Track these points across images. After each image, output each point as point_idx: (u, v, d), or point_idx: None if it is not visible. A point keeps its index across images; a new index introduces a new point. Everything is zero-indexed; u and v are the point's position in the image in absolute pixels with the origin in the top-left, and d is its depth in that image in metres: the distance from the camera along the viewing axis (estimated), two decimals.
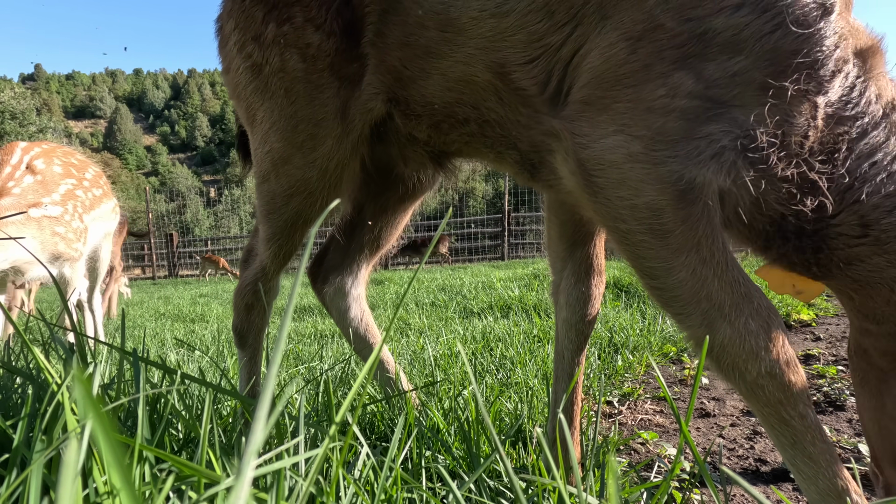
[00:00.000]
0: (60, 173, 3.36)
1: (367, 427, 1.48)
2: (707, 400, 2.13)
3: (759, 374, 0.87)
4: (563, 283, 1.33)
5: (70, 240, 3.20)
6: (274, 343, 0.62)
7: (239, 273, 1.60)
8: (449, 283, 7.50)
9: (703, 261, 0.89)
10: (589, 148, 0.93)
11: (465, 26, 1.09)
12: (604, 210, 0.94)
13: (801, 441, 0.87)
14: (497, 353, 2.49)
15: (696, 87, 0.87)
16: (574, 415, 1.30)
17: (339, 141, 1.30)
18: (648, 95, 0.89)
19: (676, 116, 0.87)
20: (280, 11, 1.28)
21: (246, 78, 1.36)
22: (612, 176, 0.91)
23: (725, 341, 0.88)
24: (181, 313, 6.96)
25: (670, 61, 0.88)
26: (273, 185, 1.37)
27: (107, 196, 3.85)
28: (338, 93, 1.27)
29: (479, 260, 17.99)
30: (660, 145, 0.88)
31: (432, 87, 1.19)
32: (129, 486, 0.29)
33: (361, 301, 1.78)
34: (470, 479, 0.73)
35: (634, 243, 0.92)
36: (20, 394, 1.09)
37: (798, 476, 0.89)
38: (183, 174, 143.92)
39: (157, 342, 4.16)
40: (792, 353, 0.88)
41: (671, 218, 0.88)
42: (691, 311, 0.90)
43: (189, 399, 1.38)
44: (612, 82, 0.92)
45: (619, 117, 0.91)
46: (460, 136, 1.25)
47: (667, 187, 0.88)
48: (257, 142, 1.39)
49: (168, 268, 19.53)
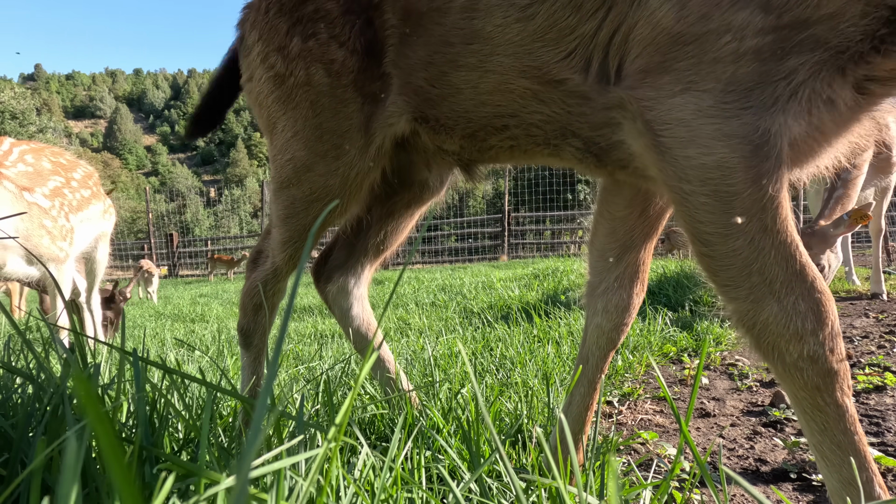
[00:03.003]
0: (50, 169, 3.30)
1: (368, 427, 1.49)
2: (707, 400, 2.13)
3: (799, 357, 0.84)
4: (604, 287, 1.28)
5: (55, 236, 3.09)
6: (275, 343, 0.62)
7: (246, 274, 1.61)
8: (449, 282, 7.50)
9: (765, 229, 0.84)
10: (655, 109, 0.89)
11: (492, 35, 1.08)
12: (670, 170, 0.89)
13: (832, 429, 0.85)
14: (497, 352, 2.49)
15: (765, 21, 0.80)
16: (587, 420, 1.30)
17: (361, 152, 1.32)
18: (712, 46, 0.83)
19: (749, 60, 0.82)
20: (305, 26, 1.30)
21: (268, 87, 1.38)
22: (680, 134, 0.87)
23: (770, 319, 0.85)
24: (181, 313, 6.96)
25: (729, 3, 0.83)
26: (294, 191, 1.39)
27: (96, 197, 3.79)
28: (361, 108, 1.30)
29: (479, 260, 17.98)
30: (731, 96, 0.83)
31: (464, 102, 1.19)
32: (129, 487, 0.29)
33: (364, 301, 1.80)
34: (470, 478, 0.73)
35: (695, 205, 0.88)
36: (20, 394, 1.09)
37: (821, 462, 0.88)
38: (183, 174, 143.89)
39: (157, 342, 4.16)
40: (839, 341, 0.85)
41: (741, 178, 0.83)
42: (740, 283, 0.86)
43: (189, 399, 1.39)
44: (670, 44, 0.88)
45: (683, 75, 0.87)
46: (500, 140, 1.23)
47: (740, 143, 0.82)
48: (277, 149, 1.41)
49: (168, 267, 19.52)
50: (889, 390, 2.07)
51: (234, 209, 60.24)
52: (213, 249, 21.15)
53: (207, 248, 21.26)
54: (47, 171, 3.24)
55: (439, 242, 18.49)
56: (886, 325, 3.34)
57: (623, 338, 1.29)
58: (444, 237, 18.90)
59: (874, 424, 1.76)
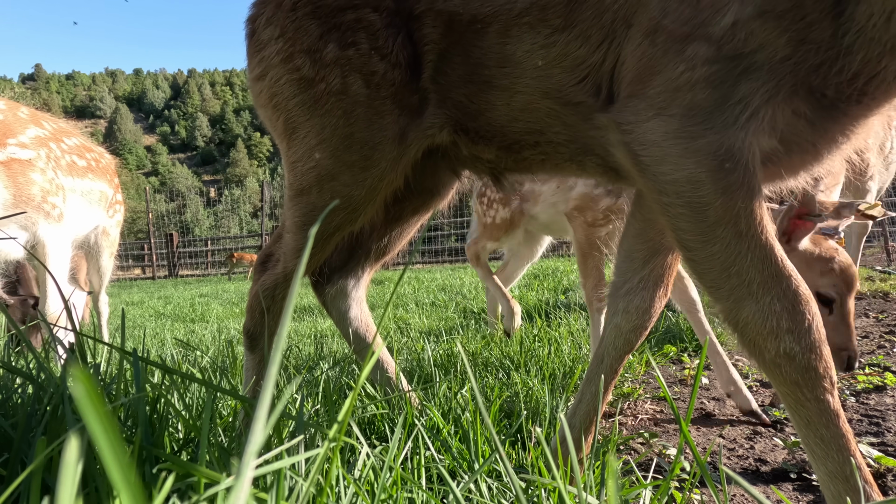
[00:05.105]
0: (26, 120, 2.66)
1: (367, 426, 1.49)
2: (707, 400, 2.13)
3: (776, 354, 0.90)
4: (627, 287, 1.29)
5: (47, 190, 2.52)
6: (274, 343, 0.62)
7: (254, 277, 1.59)
8: (449, 282, 7.51)
9: (740, 235, 0.91)
10: (633, 132, 1.00)
11: (521, 60, 1.17)
12: (650, 185, 1.00)
13: (815, 423, 0.89)
14: (497, 352, 2.49)
15: (709, 52, 0.90)
16: (594, 421, 1.29)
17: (392, 163, 1.33)
18: (671, 74, 0.94)
19: (702, 87, 0.91)
20: (343, 34, 1.29)
21: (290, 90, 1.35)
22: (654, 154, 0.97)
23: (749, 318, 0.91)
24: (181, 313, 6.97)
25: (681, 38, 0.93)
26: (314, 198, 1.38)
27: (94, 173, 3.16)
28: (397, 120, 1.31)
29: None
30: (694, 119, 0.92)
31: (499, 117, 1.27)
32: (129, 486, 0.29)
33: (362, 302, 1.80)
34: (470, 478, 0.73)
35: (674, 215, 0.97)
36: (20, 394, 1.09)
37: (810, 455, 0.92)
38: (183, 174, 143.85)
39: (157, 342, 4.16)
40: (818, 339, 0.90)
41: (710, 190, 0.92)
42: (721, 285, 0.94)
43: (189, 399, 1.39)
44: (646, 74, 0.99)
45: (654, 101, 0.97)
46: (533, 154, 1.31)
47: (705, 159, 0.91)
48: (298, 155, 1.38)
49: (168, 268, 19.53)
50: (889, 390, 2.07)
51: (233, 209, 60.27)
52: (213, 249, 21.14)
53: (208, 248, 21.27)
54: (23, 121, 2.64)
55: (439, 242, 18.46)
56: (886, 325, 3.34)
57: (641, 341, 1.30)
58: (444, 237, 18.88)
59: (874, 424, 1.76)
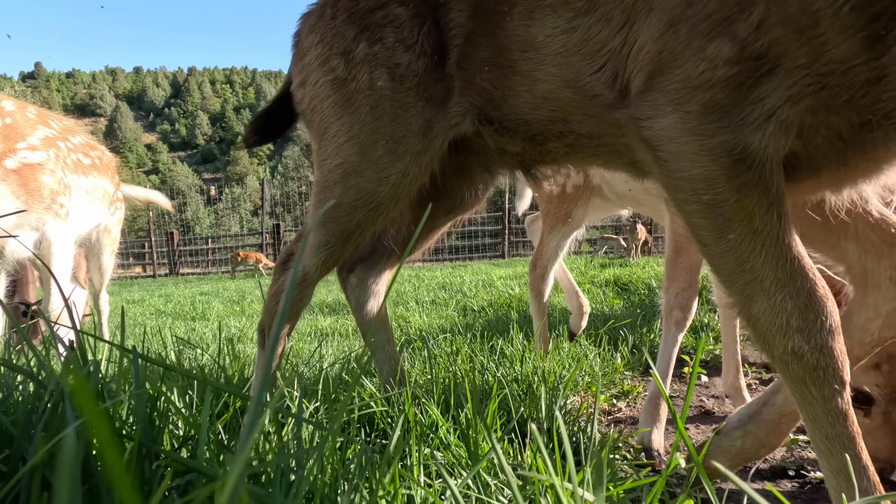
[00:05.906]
0: (34, 120, 2.73)
1: (367, 423, 1.49)
2: (707, 398, 2.14)
3: (784, 352, 0.91)
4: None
5: (56, 191, 2.63)
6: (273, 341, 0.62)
7: (274, 276, 1.60)
8: (449, 280, 7.51)
9: (754, 232, 0.93)
10: (651, 128, 0.99)
11: (542, 44, 1.15)
12: (666, 180, 1.00)
13: (821, 421, 0.91)
14: (496, 350, 2.49)
15: (731, 52, 0.89)
16: None
17: (417, 157, 1.34)
18: (692, 72, 0.93)
19: (721, 87, 0.91)
20: (372, 32, 1.32)
21: (325, 91, 1.38)
22: (671, 149, 0.97)
23: (760, 314, 0.93)
24: (182, 311, 6.98)
25: (704, 34, 0.91)
26: (337, 194, 1.39)
27: (98, 170, 3.24)
28: (422, 112, 1.31)
29: (480, 258, 17.97)
30: (711, 117, 0.92)
31: (522, 105, 1.25)
32: (126, 484, 0.30)
33: (380, 297, 1.83)
34: (468, 475, 0.74)
35: (689, 212, 0.98)
36: (21, 391, 1.10)
37: (816, 451, 0.94)
38: (183, 172, 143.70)
39: (157, 340, 4.17)
40: (829, 339, 0.90)
41: (724, 187, 0.92)
42: (735, 280, 0.96)
43: (190, 396, 1.39)
44: (664, 67, 0.98)
45: (673, 96, 0.97)
46: (557, 146, 1.29)
47: (720, 157, 0.92)
48: (327, 153, 1.41)
49: (168, 266, 19.55)
50: None
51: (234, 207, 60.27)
52: (213, 248, 21.14)
53: (208, 247, 21.27)
54: (31, 122, 2.71)
55: (440, 240, 18.46)
56: None
57: None
58: (445, 235, 18.87)
59: None
